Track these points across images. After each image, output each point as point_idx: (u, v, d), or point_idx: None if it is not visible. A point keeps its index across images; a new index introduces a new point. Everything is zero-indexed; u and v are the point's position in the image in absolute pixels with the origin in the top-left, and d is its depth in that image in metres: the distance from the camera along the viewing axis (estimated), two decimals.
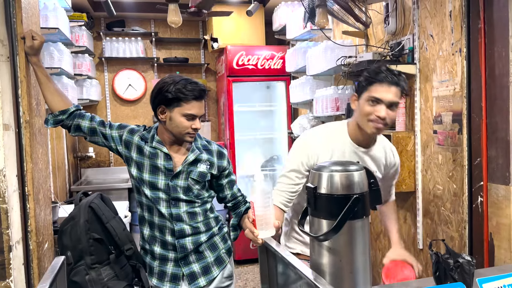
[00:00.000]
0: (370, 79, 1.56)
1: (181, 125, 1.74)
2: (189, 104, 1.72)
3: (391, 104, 1.54)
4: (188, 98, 1.72)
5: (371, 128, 1.57)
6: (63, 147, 4.08)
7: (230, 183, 1.93)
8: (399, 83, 1.55)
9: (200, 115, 1.76)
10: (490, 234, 2.08)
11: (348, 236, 1.07)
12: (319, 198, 1.09)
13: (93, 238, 1.72)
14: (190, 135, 1.76)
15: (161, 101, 1.76)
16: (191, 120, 1.74)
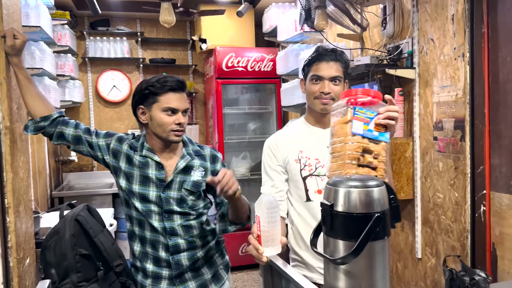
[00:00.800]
0: (310, 61, 1.65)
1: (162, 122, 1.62)
2: (165, 97, 1.62)
3: (333, 78, 1.60)
4: (163, 90, 1.62)
5: (319, 105, 1.62)
6: (44, 151, 3.90)
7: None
8: (337, 57, 1.61)
9: (182, 109, 1.64)
10: (492, 244, 2.02)
11: (368, 259, 0.98)
12: (335, 216, 0.99)
13: (79, 254, 1.58)
14: (175, 133, 1.64)
15: (138, 101, 1.68)
16: (172, 115, 1.63)
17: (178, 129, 1.64)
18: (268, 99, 4.59)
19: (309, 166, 1.63)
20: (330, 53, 1.62)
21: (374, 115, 1.13)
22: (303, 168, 1.64)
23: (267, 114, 4.63)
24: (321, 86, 1.60)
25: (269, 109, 4.57)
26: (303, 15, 2.61)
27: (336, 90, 1.60)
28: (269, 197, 1.21)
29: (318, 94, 1.60)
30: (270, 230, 1.21)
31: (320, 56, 1.61)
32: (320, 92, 1.59)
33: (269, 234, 1.21)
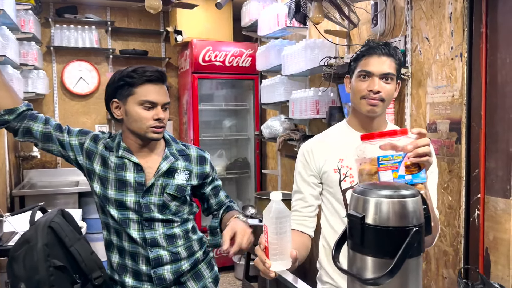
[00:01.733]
0: (358, 55, 1.42)
1: (139, 116, 1.45)
2: (142, 89, 1.44)
3: (385, 76, 1.37)
4: (141, 81, 1.44)
5: (365, 105, 1.39)
6: (3, 146, 3.60)
7: (214, 190, 1.66)
8: (391, 52, 1.39)
9: (162, 103, 1.47)
10: (486, 249, 1.98)
11: (401, 278, 0.87)
12: (366, 230, 0.88)
13: (53, 265, 1.39)
14: (154, 130, 1.46)
15: (112, 94, 1.49)
16: (151, 110, 1.45)
17: (157, 125, 1.46)
18: (246, 96, 4.45)
19: (350, 177, 1.43)
20: (383, 46, 1.39)
21: (402, 157, 1.01)
22: (343, 179, 1.43)
23: (244, 111, 4.49)
24: (370, 84, 1.37)
25: (247, 106, 4.44)
26: (292, 9, 2.49)
27: (387, 89, 1.38)
28: (279, 204, 1.07)
29: (365, 93, 1.38)
30: (278, 242, 1.07)
31: (371, 49, 1.39)
32: (368, 90, 1.37)
33: (277, 246, 1.08)
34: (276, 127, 3.55)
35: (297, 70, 3.05)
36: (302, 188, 1.48)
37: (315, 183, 1.47)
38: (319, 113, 2.84)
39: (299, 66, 3.00)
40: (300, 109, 2.98)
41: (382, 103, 1.38)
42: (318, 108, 2.84)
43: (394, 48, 1.41)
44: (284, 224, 1.07)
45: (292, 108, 3.12)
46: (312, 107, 2.86)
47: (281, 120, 3.56)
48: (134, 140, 1.52)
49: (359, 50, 1.44)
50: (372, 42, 1.41)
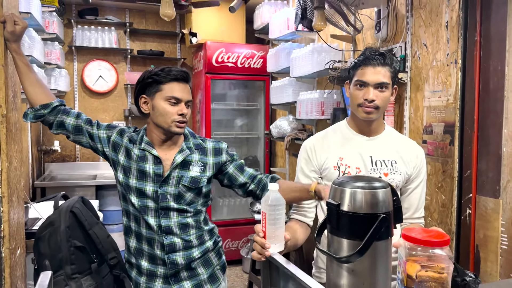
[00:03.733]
0: (355, 64, 1.54)
1: (165, 111, 1.60)
2: (169, 86, 1.60)
3: (379, 85, 1.48)
4: (167, 79, 1.61)
5: (361, 113, 1.51)
6: (27, 140, 3.82)
7: (238, 168, 1.74)
8: (386, 62, 1.49)
9: (186, 100, 1.62)
10: (476, 246, 2.09)
11: (372, 258, 1.01)
12: (341, 216, 1.02)
13: (74, 246, 1.57)
14: (177, 124, 1.61)
15: (141, 90, 1.65)
16: (175, 105, 1.60)
17: (181, 120, 1.62)
18: (257, 96, 4.60)
19: (348, 175, 1.53)
20: (378, 56, 1.49)
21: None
22: (341, 176, 1.52)
23: (254, 111, 4.64)
24: (365, 93, 1.48)
25: (257, 106, 4.59)
26: (299, 15, 2.63)
27: (382, 97, 1.49)
28: (276, 194, 1.21)
29: (361, 101, 1.49)
30: (275, 227, 1.22)
31: (367, 60, 1.49)
32: (364, 99, 1.48)
33: (274, 231, 1.22)
34: (284, 127, 3.69)
35: (305, 73, 3.18)
36: (303, 182, 1.61)
37: (315, 177, 1.60)
38: (324, 114, 2.97)
39: (307, 69, 3.13)
40: (306, 110, 3.12)
41: (377, 110, 1.50)
42: (323, 109, 2.97)
43: (390, 57, 1.51)
44: (279, 211, 1.21)
45: (299, 109, 3.26)
46: (318, 108, 3.00)
47: (289, 120, 3.70)
48: (157, 134, 1.66)
49: (357, 58, 1.56)
50: (369, 52, 1.52)
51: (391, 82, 1.51)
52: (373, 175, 1.53)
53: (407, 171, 1.57)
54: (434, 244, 1.22)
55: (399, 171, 1.55)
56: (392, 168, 1.55)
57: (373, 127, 1.58)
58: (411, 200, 1.59)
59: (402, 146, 1.61)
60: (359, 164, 1.55)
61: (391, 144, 1.60)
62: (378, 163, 1.55)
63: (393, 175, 1.54)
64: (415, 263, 1.25)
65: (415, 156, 1.60)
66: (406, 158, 1.58)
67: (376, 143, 1.58)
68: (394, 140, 1.62)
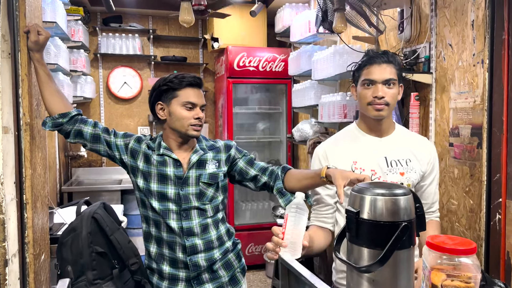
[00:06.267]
0: (360, 65, 1.56)
1: (182, 116, 1.65)
2: (184, 92, 1.65)
3: (387, 81, 1.50)
4: (182, 85, 1.66)
5: (372, 111, 1.52)
6: (54, 146, 3.92)
7: (249, 162, 1.76)
8: (390, 60, 1.52)
9: (200, 104, 1.67)
10: (507, 253, 2.01)
11: (393, 268, 0.97)
12: (361, 224, 0.99)
13: (96, 251, 1.59)
14: (194, 128, 1.66)
15: (157, 97, 1.70)
16: (191, 110, 1.66)
17: (197, 124, 1.66)
18: (279, 100, 4.58)
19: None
20: (382, 55, 1.52)
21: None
22: None
23: (277, 114, 4.62)
24: (374, 91, 1.49)
25: (279, 110, 4.57)
26: (319, 17, 2.60)
27: (390, 93, 1.50)
28: (301, 199, 1.20)
29: (371, 100, 1.50)
30: (293, 231, 1.20)
31: (371, 59, 1.52)
32: (373, 97, 1.49)
33: (291, 235, 1.19)
34: (307, 130, 3.65)
35: (327, 75, 3.14)
36: (318, 189, 1.60)
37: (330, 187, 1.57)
38: (347, 117, 2.92)
39: (328, 71, 3.09)
40: (329, 113, 3.08)
41: (387, 106, 1.50)
42: (346, 112, 2.93)
43: (392, 55, 1.53)
44: (301, 217, 1.19)
45: (321, 112, 3.22)
46: (340, 111, 2.95)
47: (311, 123, 3.66)
48: (174, 138, 1.70)
49: (360, 60, 1.56)
50: (372, 52, 1.54)
51: (397, 79, 1.52)
52: (389, 175, 1.51)
53: (422, 168, 1.57)
54: (460, 253, 1.17)
55: (414, 169, 1.54)
56: (407, 167, 1.54)
57: (384, 126, 1.57)
58: (426, 195, 1.60)
59: (414, 143, 1.61)
60: (374, 166, 1.53)
61: (404, 143, 1.59)
62: (394, 163, 1.53)
63: (409, 174, 1.53)
64: (440, 272, 1.20)
65: (428, 152, 1.61)
66: (419, 155, 1.58)
67: (389, 143, 1.57)
68: (406, 138, 1.61)
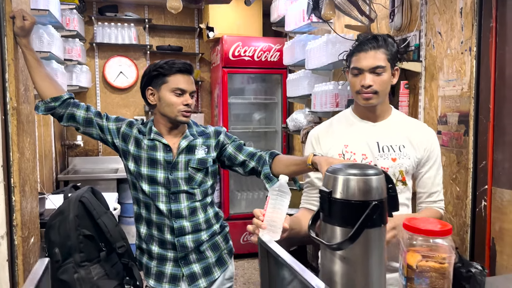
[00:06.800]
0: (350, 52, 1.53)
1: (171, 101, 1.67)
2: (174, 78, 1.67)
3: (374, 69, 1.45)
4: (171, 71, 1.68)
5: (361, 100, 1.50)
6: (50, 135, 3.94)
7: (237, 147, 1.77)
8: (380, 45, 1.46)
9: (190, 91, 1.69)
10: (492, 239, 2.03)
11: (364, 246, 0.99)
12: (334, 203, 1.01)
13: (83, 234, 1.62)
14: (183, 114, 1.68)
15: (147, 83, 1.72)
16: (180, 96, 1.68)
17: (186, 110, 1.68)
18: (274, 90, 4.59)
19: (353, 161, 1.51)
20: (370, 41, 1.47)
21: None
22: None
23: (272, 104, 4.63)
24: (362, 79, 1.46)
25: (275, 100, 4.57)
26: (310, 5, 2.60)
27: (379, 81, 1.46)
28: (284, 182, 1.21)
29: (359, 88, 1.47)
30: (273, 214, 1.21)
31: (359, 46, 1.48)
32: (361, 85, 1.47)
33: (271, 217, 1.21)
34: (301, 120, 3.67)
35: (320, 64, 3.14)
36: (310, 174, 1.61)
37: None
38: (338, 106, 2.93)
39: (321, 61, 3.09)
40: (321, 102, 3.09)
41: (376, 95, 1.48)
42: (338, 101, 2.94)
43: (383, 39, 1.48)
44: (282, 200, 1.21)
45: (314, 101, 3.23)
46: (332, 100, 2.96)
47: (305, 113, 3.67)
48: (164, 123, 1.73)
49: (351, 46, 1.54)
50: (362, 37, 1.51)
51: (389, 64, 1.48)
52: (380, 161, 1.51)
53: (417, 155, 1.53)
54: (435, 234, 1.19)
55: (407, 156, 1.52)
56: (400, 153, 1.52)
57: (378, 112, 1.56)
58: (423, 183, 1.56)
59: (411, 129, 1.57)
60: (365, 150, 1.53)
61: (399, 128, 1.56)
62: (386, 149, 1.52)
63: (402, 160, 1.51)
64: (416, 253, 1.23)
65: (426, 139, 1.56)
66: (416, 141, 1.54)
67: (382, 128, 1.56)
68: (402, 124, 1.58)
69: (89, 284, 1.61)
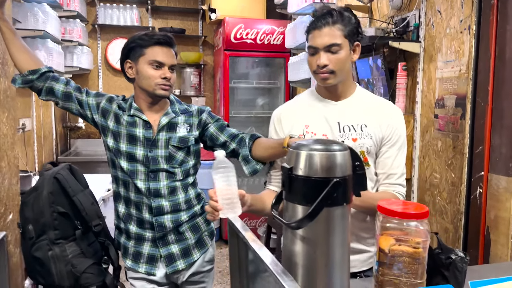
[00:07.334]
0: (307, 29, 1.41)
1: (148, 74, 1.60)
2: (152, 50, 1.60)
3: (329, 47, 1.35)
4: (150, 42, 1.60)
5: (319, 80, 1.42)
6: (50, 116, 3.94)
7: (220, 128, 1.72)
8: (335, 20, 1.35)
9: (169, 64, 1.62)
10: (487, 227, 1.95)
11: (325, 225, 0.93)
12: (295, 180, 0.94)
13: (57, 211, 1.59)
14: (161, 87, 1.61)
15: (126, 55, 1.66)
16: (158, 69, 1.60)
17: (164, 83, 1.62)
18: (277, 74, 4.50)
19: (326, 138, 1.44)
20: (324, 17, 1.36)
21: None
22: None
23: (275, 89, 4.54)
24: (317, 58, 1.37)
25: (277, 84, 4.49)
26: None
27: (335, 60, 1.36)
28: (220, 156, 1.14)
29: (315, 68, 1.39)
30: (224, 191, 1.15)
31: (313, 23, 1.38)
32: (316, 65, 1.38)
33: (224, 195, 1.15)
34: None
35: None
36: None
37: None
38: None
39: None
40: None
41: (333, 74, 1.38)
42: None
43: (338, 14, 1.37)
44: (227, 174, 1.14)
45: (312, 83, 3.15)
46: None
47: None
48: (144, 98, 1.67)
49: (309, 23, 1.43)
50: (317, 12, 1.39)
51: (347, 40, 1.37)
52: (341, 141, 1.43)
53: (380, 134, 1.44)
54: (410, 217, 1.13)
55: (369, 135, 1.43)
56: (361, 133, 1.43)
57: (340, 91, 1.46)
58: (382, 164, 1.45)
59: (375, 107, 1.48)
60: (326, 130, 1.45)
61: (361, 107, 1.47)
62: (346, 128, 1.44)
63: (363, 140, 1.42)
64: (389, 236, 1.16)
65: (390, 117, 1.46)
66: (379, 120, 1.45)
67: (344, 107, 1.47)
68: (365, 102, 1.48)
69: (63, 262, 1.59)
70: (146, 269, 1.67)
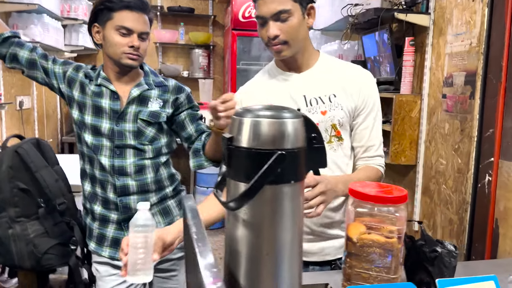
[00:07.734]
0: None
1: (114, 41, 1.45)
2: (120, 14, 1.44)
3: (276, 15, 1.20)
4: (118, 5, 1.44)
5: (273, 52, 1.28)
6: (55, 96, 3.89)
7: (192, 118, 1.60)
8: None
9: (139, 31, 1.46)
10: (495, 220, 1.75)
11: (270, 206, 0.78)
12: (234, 152, 0.79)
13: (17, 187, 1.49)
14: (128, 56, 1.46)
15: (93, 18, 1.50)
16: (126, 36, 1.45)
17: (132, 52, 1.47)
18: None
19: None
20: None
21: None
22: None
23: None
24: (267, 29, 1.22)
25: None
26: None
27: (286, 28, 1.20)
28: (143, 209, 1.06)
29: (267, 41, 1.23)
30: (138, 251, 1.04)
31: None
32: (267, 37, 1.22)
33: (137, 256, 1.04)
34: None
35: (327, 23, 2.87)
36: None
37: None
38: None
39: (328, 19, 2.82)
40: None
41: (287, 45, 1.22)
42: None
43: None
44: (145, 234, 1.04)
45: None
46: None
47: None
48: (111, 67, 1.54)
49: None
50: None
51: (297, 4, 1.20)
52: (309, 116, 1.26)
53: (351, 103, 1.28)
54: (384, 201, 0.96)
55: (340, 106, 1.26)
56: (330, 104, 1.26)
57: (300, 61, 1.29)
58: (360, 136, 1.30)
59: (343, 73, 1.31)
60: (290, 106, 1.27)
61: (328, 76, 1.30)
62: (314, 101, 1.27)
63: (333, 112, 1.26)
64: (361, 223, 1.00)
65: (361, 82, 1.29)
66: (349, 87, 1.28)
67: (308, 79, 1.30)
68: (332, 70, 1.31)
69: (24, 241, 1.49)
70: (110, 253, 1.55)
